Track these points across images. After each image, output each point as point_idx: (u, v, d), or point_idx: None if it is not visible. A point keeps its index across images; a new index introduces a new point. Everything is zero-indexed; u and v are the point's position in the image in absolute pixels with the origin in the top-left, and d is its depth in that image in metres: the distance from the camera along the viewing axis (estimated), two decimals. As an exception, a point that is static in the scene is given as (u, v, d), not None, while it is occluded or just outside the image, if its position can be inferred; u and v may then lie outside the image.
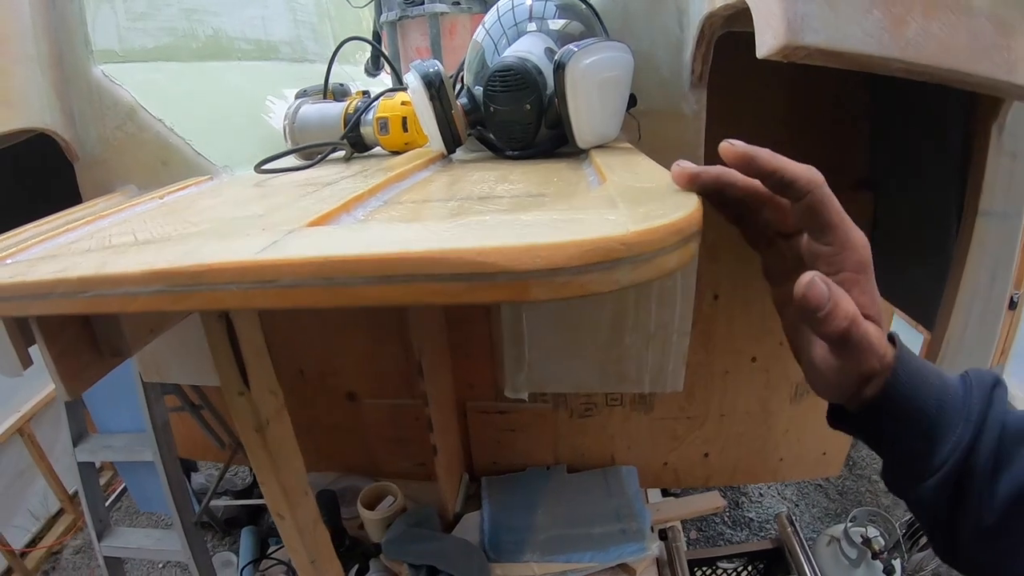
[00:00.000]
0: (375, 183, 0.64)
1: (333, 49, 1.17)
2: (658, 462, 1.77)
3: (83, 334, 0.68)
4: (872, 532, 1.74)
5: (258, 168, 0.91)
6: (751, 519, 2.20)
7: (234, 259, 0.42)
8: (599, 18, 0.86)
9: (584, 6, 0.86)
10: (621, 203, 0.42)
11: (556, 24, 0.84)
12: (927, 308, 1.16)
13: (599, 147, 0.78)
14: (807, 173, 0.42)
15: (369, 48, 1.72)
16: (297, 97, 1.12)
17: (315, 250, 0.39)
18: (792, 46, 0.57)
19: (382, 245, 0.38)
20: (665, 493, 1.89)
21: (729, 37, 0.83)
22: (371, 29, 1.70)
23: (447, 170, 0.77)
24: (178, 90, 1.16)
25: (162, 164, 1.01)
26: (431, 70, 0.76)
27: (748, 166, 0.43)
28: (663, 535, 1.60)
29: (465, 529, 1.61)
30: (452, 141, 0.80)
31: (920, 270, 1.27)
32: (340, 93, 1.15)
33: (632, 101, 0.87)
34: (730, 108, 1.33)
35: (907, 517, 1.87)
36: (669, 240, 0.36)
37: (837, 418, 0.49)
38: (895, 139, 1.33)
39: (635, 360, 1.12)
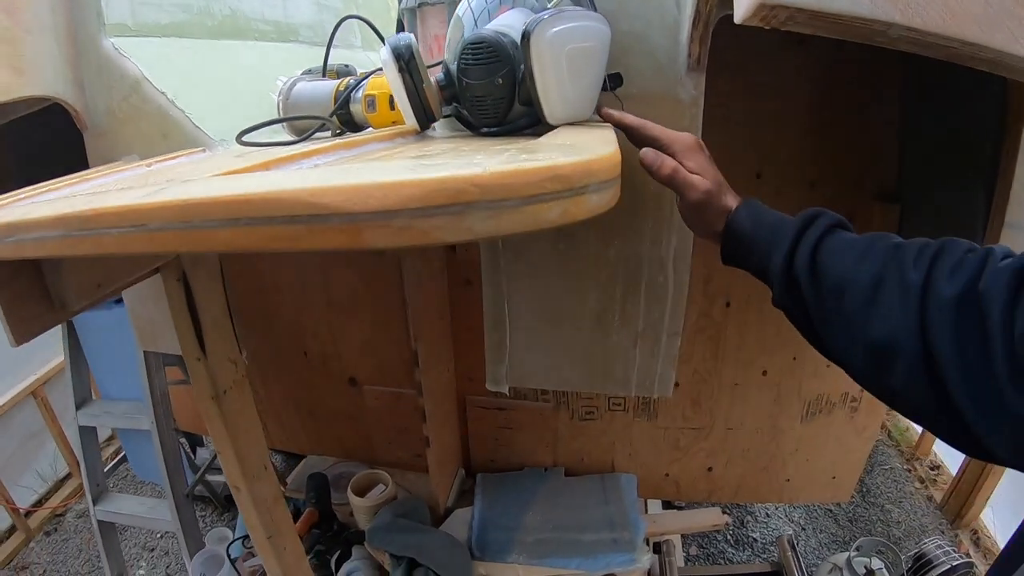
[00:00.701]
0: (317, 147, 0.62)
1: (357, 34, 1.17)
2: (659, 472, 1.71)
3: (35, 285, 0.69)
4: (876, 564, 1.63)
5: (239, 139, 0.90)
6: (755, 539, 2.11)
7: (114, 204, 0.41)
8: (589, -4, 0.82)
9: (573, -17, 0.82)
10: (511, 151, 0.39)
11: (543, 1, 0.80)
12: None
13: (572, 125, 0.75)
14: (635, 119, 0.77)
15: (393, 31, 1.72)
16: (302, 75, 1.12)
17: (181, 195, 0.38)
18: (769, 4, 0.53)
19: (241, 189, 0.36)
20: (669, 505, 1.82)
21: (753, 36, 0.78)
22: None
23: (409, 144, 0.75)
24: (187, 66, 1.17)
25: (163, 136, 1.02)
26: (402, 42, 0.74)
27: (607, 119, 0.77)
28: (657, 548, 1.54)
29: (454, 524, 1.58)
30: (424, 116, 0.78)
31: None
32: (343, 73, 1.14)
33: (618, 80, 0.83)
34: (752, 114, 1.29)
35: (915, 551, 1.75)
36: (545, 186, 0.33)
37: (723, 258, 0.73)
38: (925, 150, 1.26)
39: (622, 360, 1.07)
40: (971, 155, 1.10)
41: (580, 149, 0.39)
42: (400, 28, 1.65)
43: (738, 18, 0.57)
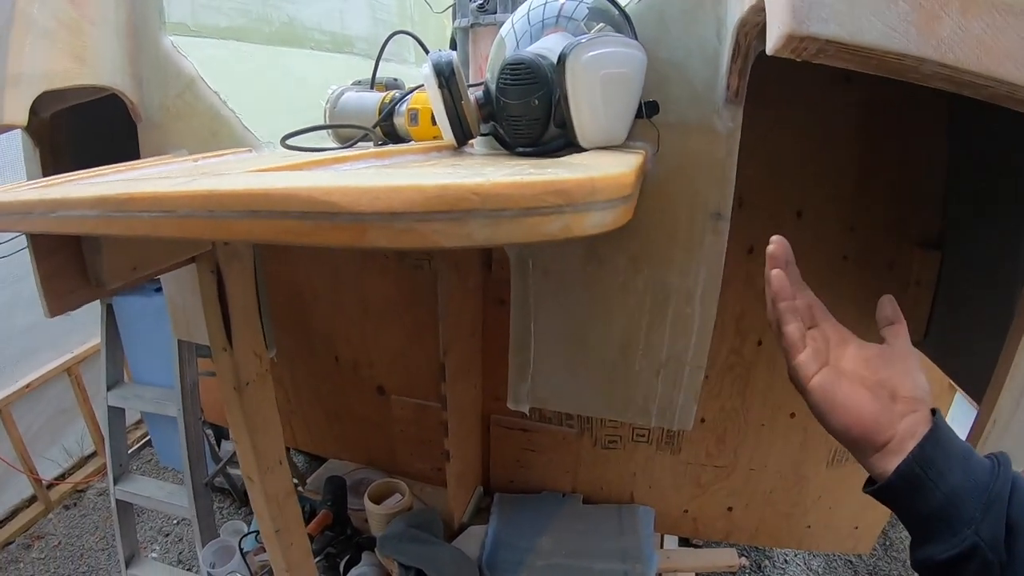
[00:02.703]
0: (351, 154, 0.64)
1: (411, 50, 1.20)
2: (678, 508, 1.67)
3: (73, 262, 0.72)
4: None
5: (283, 142, 0.93)
6: (771, 585, 2.05)
7: (148, 191, 0.43)
8: (630, 23, 0.83)
9: (616, 11, 0.83)
10: (525, 166, 0.40)
11: (584, 26, 0.82)
12: (982, 382, 1.04)
13: (603, 149, 0.75)
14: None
15: (447, 47, 1.76)
16: (351, 85, 1.15)
17: (208, 186, 0.40)
18: (798, 36, 0.53)
19: (262, 185, 0.37)
20: (685, 542, 1.78)
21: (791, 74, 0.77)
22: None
23: (443, 158, 0.77)
24: (241, 68, 1.22)
25: (212, 134, 1.05)
26: (443, 59, 0.76)
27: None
28: (669, 584, 1.51)
29: (467, 540, 1.58)
30: (462, 132, 0.79)
31: (980, 339, 1.14)
32: (391, 86, 1.16)
33: (654, 108, 0.83)
34: (795, 151, 1.28)
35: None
36: (545, 199, 0.33)
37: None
38: (970, 199, 1.22)
39: (643, 388, 1.06)
40: (1017, 203, 1.06)
41: (590, 168, 0.39)
42: (453, 47, 1.68)
43: (769, 49, 0.57)
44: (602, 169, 0.37)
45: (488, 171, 0.35)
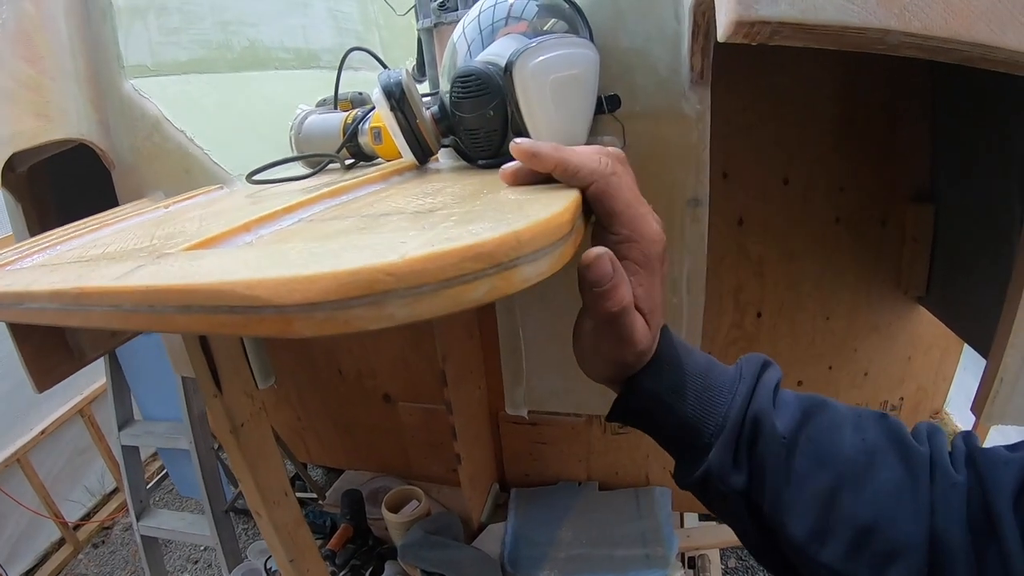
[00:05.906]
0: (306, 199, 0.63)
1: (380, 58, 1.17)
2: (695, 485, 1.67)
3: (54, 337, 0.72)
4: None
5: (249, 178, 0.92)
6: (797, 552, 2.03)
7: (95, 285, 0.43)
8: (583, 17, 0.81)
9: (568, 6, 0.81)
10: (452, 220, 0.39)
11: (536, 25, 0.80)
12: (989, 336, 1.03)
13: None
14: (590, 163, 0.44)
15: (415, 53, 1.73)
16: (318, 106, 1.13)
17: (145, 280, 0.39)
18: (747, 22, 0.51)
19: (195, 276, 0.37)
20: (707, 518, 1.78)
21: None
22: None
23: (402, 183, 0.76)
24: (207, 101, 1.20)
25: (185, 172, 1.05)
26: (392, 79, 0.74)
27: (533, 161, 0.47)
28: (692, 563, 1.51)
29: (488, 539, 1.59)
30: (421, 152, 0.78)
31: (982, 291, 1.13)
32: (357, 103, 1.15)
33: (616, 102, 0.82)
34: (777, 117, 1.25)
35: None
36: (464, 267, 0.32)
37: (616, 413, 0.50)
38: (958, 146, 1.19)
39: (638, 382, 1.05)
40: (1007, 149, 1.04)
41: (519, 213, 0.38)
42: (420, 48, 1.66)
43: (721, 37, 0.55)
44: (531, 216, 0.36)
45: (409, 237, 0.34)
